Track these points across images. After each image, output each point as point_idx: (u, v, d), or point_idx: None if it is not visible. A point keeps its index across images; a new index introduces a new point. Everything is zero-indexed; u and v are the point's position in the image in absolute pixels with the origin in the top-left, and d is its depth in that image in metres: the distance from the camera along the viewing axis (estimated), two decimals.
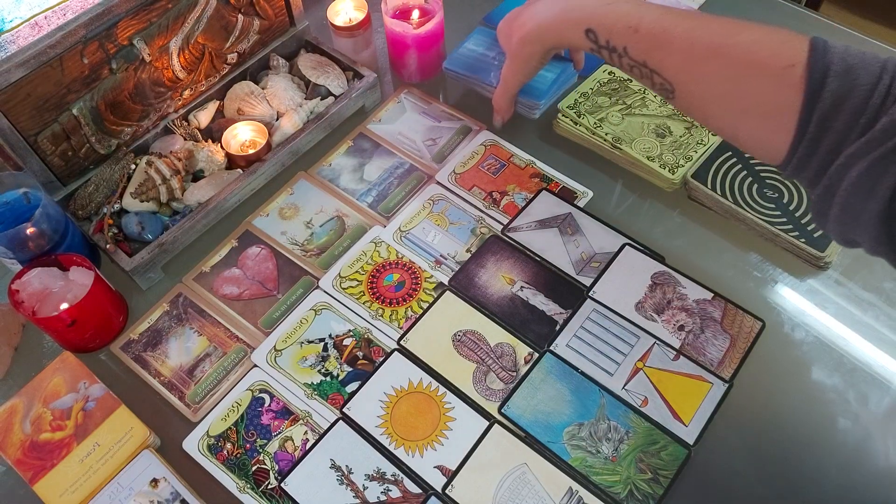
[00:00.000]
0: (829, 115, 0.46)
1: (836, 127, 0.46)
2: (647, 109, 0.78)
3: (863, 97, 0.45)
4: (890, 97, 0.44)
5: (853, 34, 0.88)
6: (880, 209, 0.44)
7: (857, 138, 0.45)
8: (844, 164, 0.45)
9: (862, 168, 0.44)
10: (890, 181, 0.43)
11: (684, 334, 0.65)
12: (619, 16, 0.57)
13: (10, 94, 0.62)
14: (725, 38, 0.51)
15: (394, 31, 0.80)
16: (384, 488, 0.58)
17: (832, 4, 1.54)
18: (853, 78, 0.45)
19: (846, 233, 0.48)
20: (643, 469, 0.58)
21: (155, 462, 0.59)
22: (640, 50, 0.56)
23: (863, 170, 0.44)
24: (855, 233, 0.47)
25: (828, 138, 0.46)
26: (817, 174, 0.48)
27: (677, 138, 0.76)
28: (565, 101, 0.79)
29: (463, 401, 0.62)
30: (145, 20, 0.69)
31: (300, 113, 0.79)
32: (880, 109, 0.44)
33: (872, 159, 0.44)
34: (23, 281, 0.64)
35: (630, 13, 0.57)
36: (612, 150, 0.76)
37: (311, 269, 0.71)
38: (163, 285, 0.72)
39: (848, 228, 0.48)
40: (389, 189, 0.77)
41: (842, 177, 0.46)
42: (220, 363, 0.66)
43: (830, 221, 0.48)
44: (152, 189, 0.71)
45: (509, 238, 0.72)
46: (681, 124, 0.77)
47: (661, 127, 0.77)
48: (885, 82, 0.44)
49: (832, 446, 0.60)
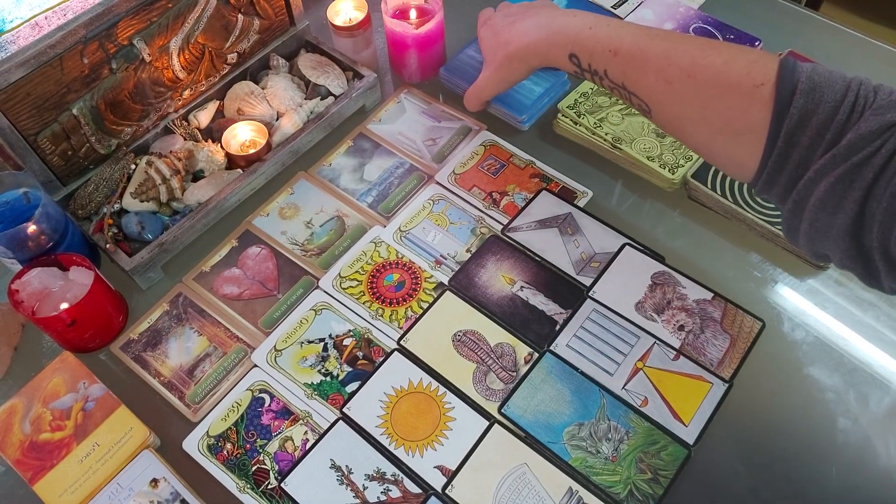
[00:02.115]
0: (797, 132, 0.47)
1: (803, 142, 0.47)
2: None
3: (828, 114, 0.46)
4: (854, 113, 0.46)
5: (853, 34, 0.88)
6: (848, 223, 0.45)
7: (824, 153, 0.46)
8: (812, 179, 0.47)
9: (829, 182, 0.46)
10: (856, 195, 0.45)
11: (684, 334, 0.65)
12: (600, 40, 0.59)
13: (9, 94, 0.62)
14: (698, 59, 0.53)
15: (394, 31, 0.80)
16: (384, 488, 0.58)
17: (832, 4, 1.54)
18: (819, 95, 0.47)
19: (817, 247, 0.49)
20: (643, 469, 0.58)
21: (155, 462, 0.59)
22: (618, 72, 0.59)
23: (830, 184, 0.46)
24: (825, 247, 0.49)
25: (795, 154, 0.48)
26: (786, 189, 0.50)
27: None
28: (565, 101, 0.79)
29: (463, 401, 0.62)
30: (145, 20, 0.69)
31: (300, 113, 0.79)
32: (845, 125, 0.46)
33: (839, 174, 0.45)
34: (22, 281, 0.64)
35: (610, 36, 0.59)
36: (612, 150, 0.76)
37: (311, 269, 0.71)
38: (163, 285, 0.72)
39: (818, 243, 0.49)
40: (389, 189, 0.77)
41: (810, 191, 0.47)
42: (220, 363, 0.66)
43: (801, 236, 0.50)
44: (152, 189, 0.71)
45: (509, 238, 0.72)
46: None
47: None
48: (849, 99, 0.46)
49: (832, 446, 0.60)
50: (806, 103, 0.47)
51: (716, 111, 0.52)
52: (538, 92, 0.81)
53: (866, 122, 0.45)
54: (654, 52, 0.55)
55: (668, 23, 0.88)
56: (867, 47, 0.87)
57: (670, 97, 0.55)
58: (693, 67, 0.53)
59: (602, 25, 0.60)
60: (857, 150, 0.45)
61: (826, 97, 0.46)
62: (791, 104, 0.47)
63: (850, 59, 0.85)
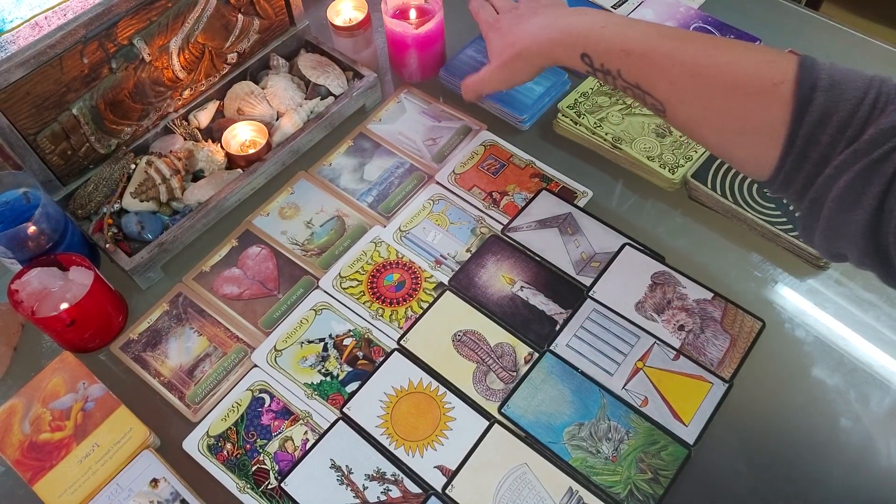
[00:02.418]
0: (816, 129, 0.47)
1: (823, 140, 0.47)
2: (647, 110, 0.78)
3: (849, 110, 0.45)
4: (876, 110, 0.45)
5: (853, 34, 0.88)
6: (866, 219, 0.44)
7: (843, 150, 0.46)
8: (831, 176, 0.46)
9: (848, 178, 0.45)
10: (875, 191, 0.44)
11: (684, 334, 0.65)
12: (613, 39, 0.58)
13: (9, 94, 0.62)
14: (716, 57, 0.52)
15: (394, 30, 0.80)
16: (384, 488, 0.58)
17: (832, 4, 1.54)
18: (839, 92, 0.46)
19: (833, 246, 0.49)
20: (643, 469, 0.58)
21: (155, 462, 0.59)
22: (632, 72, 0.57)
23: (849, 180, 0.45)
24: (841, 245, 0.48)
25: (815, 151, 0.47)
26: (804, 187, 0.49)
27: (677, 138, 0.76)
28: (565, 101, 0.79)
29: (463, 401, 0.62)
30: (145, 19, 0.69)
31: (300, 113, 0.79)
32: (867, 122, 0.45)
33: (859, 169, 0.44)
34: (22, 281, 0.64)
35: (624, 36, 0.57)
36: (612, 150, 0.76)
37: (311, 269, 0.71)
38: (163, 285, 0.72)
39: (834, 241, 0.48)
40: (389, 189, 0.77)
41: (829, 188, 0.46)
42: (220, 363, 0.66)
43: (817, 235, 0.49)
44: (152, 189, 0.71)
45: (509, 238, 0.72)
46: None
47: (661, 126, 0.77)
48: (871, 96, 0.45)
49: (833, 446, 0.60)
50: (826, 101, 0.46)
51: (731, 111, 0.51)
52: (538, 92, 0.81)
53: (888, 118, 0.44)
54: (666, 50, 0.54)
55: (668, 23, 0.88)
56: (867, 47, 0.87)
57: (685, 97, 0.54)
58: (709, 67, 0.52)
59: (613, 24, 0.59)
60: (878, 146, 0.44)
61: (847, 94, 0.46)
62: (811, 102, 0.47)
63: (850, 59, 0.85)
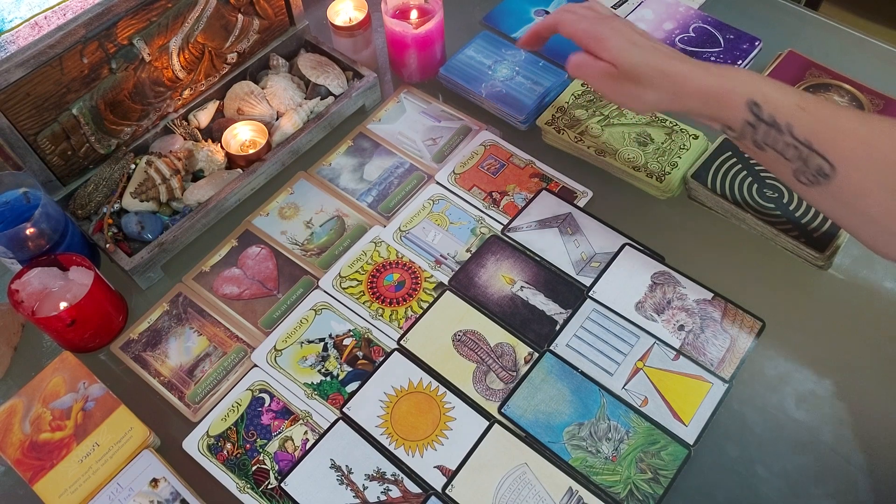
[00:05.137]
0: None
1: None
2: (626, 118, 0.77)
3: None
4: None
5: (853, 34, 0.88)
6: None
7: None
8: None
9: None
10: None
11: (684, 334, 0.65)
12: (787, 92, 0.56)
13: (9, 94, 0.62)
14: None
15: (394, 30, 0.80)
16: (384, 488, 0.58)
17: (832, 4, 1.54)
18: None
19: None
20: (643, 469, 0.58)
21: (155, 462, 0.59)
22: (807, 128, 0.54)
23: None
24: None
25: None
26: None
27: (659, 145, 0.75)
28: (542, 117, 0.79)
29: (463, 401, 0.62)
30: (145, 20, 0.69)
31: (300, 113, 0.79)
32: None
33: None
34: (22, 281, 0.64)
35: (796, 92, 0.56)
36: (600, 158, 0.76)
37: (311, 269, 0.71)
38: (163, 285, 0.72)
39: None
40: (389, 189, 0.77)
41: None
42: (220, 363, 0.66)
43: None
44: (152, 189, 0.71)
45: (509, 238, 0.72)
46: (660, 130, 0.76)
47: (641, 135, 0.76)
48: None
49: (834, 446, 0.60)
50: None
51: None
52: (538, 92, 0.81)
53: None
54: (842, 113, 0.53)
55: (668, 22, 0.88)
56: (867, 47, 0.87)
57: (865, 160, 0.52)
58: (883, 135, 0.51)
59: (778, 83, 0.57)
60: None
61: None
62: None
63: (850, 59, 0.85)
